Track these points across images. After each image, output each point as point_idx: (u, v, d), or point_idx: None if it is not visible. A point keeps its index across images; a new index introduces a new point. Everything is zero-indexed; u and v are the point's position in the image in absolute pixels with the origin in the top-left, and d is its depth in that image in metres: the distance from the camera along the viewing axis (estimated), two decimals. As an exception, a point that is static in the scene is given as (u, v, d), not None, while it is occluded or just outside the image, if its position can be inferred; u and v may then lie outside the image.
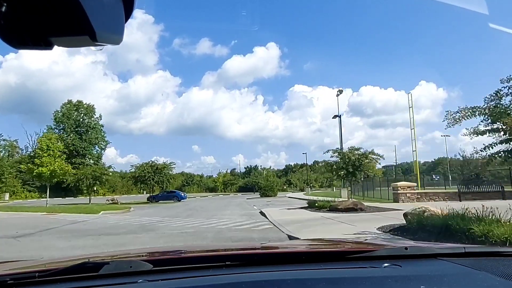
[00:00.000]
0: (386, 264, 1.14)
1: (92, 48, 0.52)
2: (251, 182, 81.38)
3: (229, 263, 1.16)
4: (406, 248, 1.26)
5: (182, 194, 38.72)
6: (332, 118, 31.76)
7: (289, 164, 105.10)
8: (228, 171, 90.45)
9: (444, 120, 7.65)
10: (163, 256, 1.59)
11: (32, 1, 0.46)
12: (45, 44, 0.50)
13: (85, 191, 70.64)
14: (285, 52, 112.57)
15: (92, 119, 63.92)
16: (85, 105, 63.63)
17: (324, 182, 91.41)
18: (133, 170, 37.89)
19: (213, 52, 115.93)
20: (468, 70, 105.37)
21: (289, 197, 38.50)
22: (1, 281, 1.03)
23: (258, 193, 45.51)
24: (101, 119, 65.60)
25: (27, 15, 0.47)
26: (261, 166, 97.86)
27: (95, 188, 68.78)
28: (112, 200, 33.61)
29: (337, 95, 31.55)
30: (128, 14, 0.55)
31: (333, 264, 1.18)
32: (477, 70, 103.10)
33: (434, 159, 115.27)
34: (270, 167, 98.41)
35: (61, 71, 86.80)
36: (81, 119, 62.77)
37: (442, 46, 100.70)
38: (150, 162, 37.03)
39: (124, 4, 0.53)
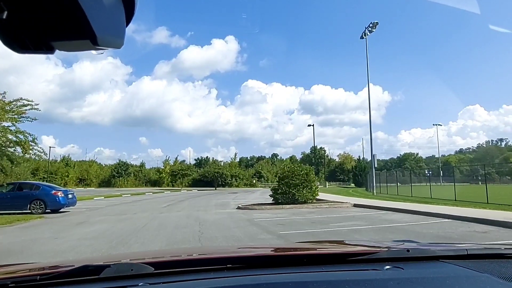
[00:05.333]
0: (388, 267, 1.14)
1: (93, 52, 0.51)
2: (211, 174, 57.83)
3: (230, 265, 1.16)
4: (408, 250, 1.27)
5: (61, 196, 14.21)
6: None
7: (244, 157, 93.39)
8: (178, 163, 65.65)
9: None
10: (164, 259, 1.56)
11: (33, 6, 0.45)
12: (46, 48, 0.49)
13: None
14: (244, 47, 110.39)
15: None
16: None
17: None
18: None
19: (169, 42, 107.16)
20: (411, 76, 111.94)
21: (354, 204, 16.06)
22: (3, 285, 1.03)
23: (267, 193, 17.91)
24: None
25: (28, 20, 0.46)
26: (212, 158, 79.86)
27: None
28: None
29: None
30: (129, 17, 0.54)
31: (334, 267, 1.18)
32: (419, 77, 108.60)
33: (400, 155, 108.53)
34: (236, 154, 77.63)
35: (-6, 50, 59.70)
36: None
37: (390, 52, 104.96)
38: None
39: (125, 7, 0.52)
